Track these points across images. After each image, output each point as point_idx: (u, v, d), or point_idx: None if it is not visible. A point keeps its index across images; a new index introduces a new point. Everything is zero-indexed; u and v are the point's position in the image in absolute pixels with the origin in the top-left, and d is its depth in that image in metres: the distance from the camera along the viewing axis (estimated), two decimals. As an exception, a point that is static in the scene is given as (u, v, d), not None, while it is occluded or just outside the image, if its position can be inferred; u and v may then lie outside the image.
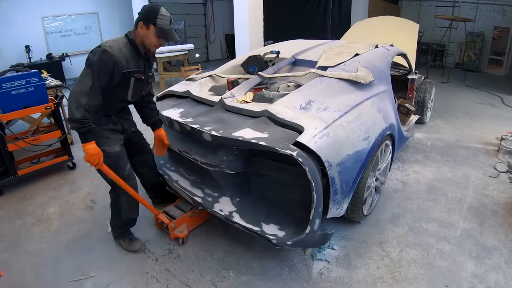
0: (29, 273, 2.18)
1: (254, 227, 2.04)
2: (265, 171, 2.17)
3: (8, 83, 2.96)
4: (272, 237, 1.96)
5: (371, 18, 6.42)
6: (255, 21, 5.46)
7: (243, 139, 1.92)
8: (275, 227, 2.06)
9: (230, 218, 2.13)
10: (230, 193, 2.33)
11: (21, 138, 3.17)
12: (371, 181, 2.46)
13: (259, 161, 2.16)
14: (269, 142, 1.85)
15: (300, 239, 1.90)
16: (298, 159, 1.76)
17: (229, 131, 2.03)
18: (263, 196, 2.28)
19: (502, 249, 2.28)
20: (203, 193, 2.41)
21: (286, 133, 1.96)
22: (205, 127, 2.14)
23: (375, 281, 2.04)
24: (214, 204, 2.27)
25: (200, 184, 2.51)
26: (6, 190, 3.16)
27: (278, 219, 2.12)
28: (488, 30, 8.62)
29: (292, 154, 1.76)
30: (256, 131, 1.99)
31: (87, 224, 2.68)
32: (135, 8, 8.05)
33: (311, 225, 1.87)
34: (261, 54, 3.14)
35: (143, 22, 1.89)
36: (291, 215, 2.13)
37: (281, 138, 1.91)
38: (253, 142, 1.87)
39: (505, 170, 3.33)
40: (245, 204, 2.26)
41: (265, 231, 2.02)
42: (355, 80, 2.50)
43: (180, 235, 2.36)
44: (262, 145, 1.84)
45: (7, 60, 6.68)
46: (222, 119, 2.28)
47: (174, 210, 2.52)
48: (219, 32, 11.55)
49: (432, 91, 4.67)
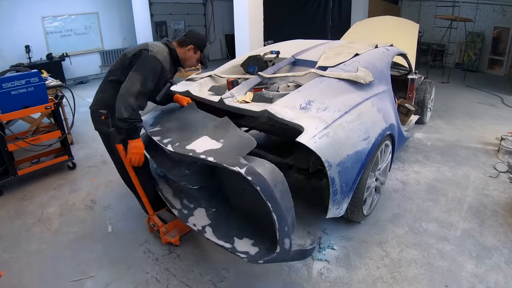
0: (29, 273, 2.18)
1: (225, 244, 1.90)
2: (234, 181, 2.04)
3: (8, 83, 2.96)
4: (243, 255, 1.82)
5: (371, 18, 6.43)
6: (255, 21, 5.46)
7: (194, 154, 1.79)
8: (249, 242, 1.91)
9: (203, 233, 2.02)
10: (206, 203, 2.22)
11: (21, 138, 3.17)
12: (371, 181, 2.46)
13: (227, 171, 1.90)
14: (218, 157, 1.70)
15: (272, 258, 1.72)
16: (246, 177, 1.54)
17: (184, 143, 1.90)
18: (240, 205, 2.19)
19: (502, 249, 2.28)
20: (180, 205, 2.27)
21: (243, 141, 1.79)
22: (164, 139, 2.01)
23: (375, 281, 2.04)
24: (189, 218, 2.15)
25: (180, 194, 2.36)
26: (6, 190, 3.16)
27: (252, 232, 1.97)
28: (488, 30, 8.62)
29: (240, 172, 1.55)
30: (212, 140, 1.88)
31: (87, 224, 2.68)
32: (135, 8, 8.07)
33: (280, 245, 1.67)
34: (261, 54, 3.14)
35: (194, 46, 2.20)
36: (266, 227, 1.89)
37: (233, 149, 1.76)
38: (201, 158, 1.73)
39: (505, 170, 3.33)
40: (221, 216, 2.14)
41: (236, 248, 1.87)
42: (355, 80, 2.50)
43: (171, 239, 2.31)
44: (210, 161, 1.70)
45: (7, 60, 6.68)
46: (187, 124, 2.16)
47: (166, 214, 2.45)
48: (219, 32, 11.55)
49: (432, 91, 4.67)
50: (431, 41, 9.67)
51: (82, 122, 4.90)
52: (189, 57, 2.23)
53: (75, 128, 4.37)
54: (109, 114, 2.12)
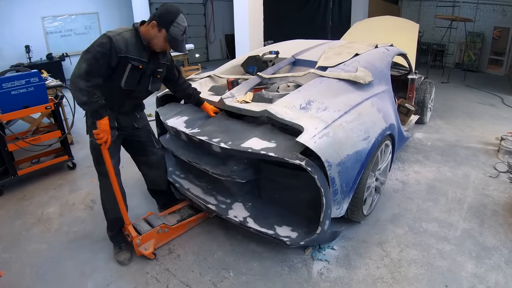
0: (29, 273, 2.18)
1: (269, 231, 2.13)
2: (274, 176, 2.23)
3: (8, 83, 2.96)
4: (286, 239, 2.06)
5: (371, 18, 6.43)
6: (255, 21, 5.47)
7: (253, 150, 1.97)
8: (288, 228, 2.15)
9: (245, 223, 2.20)
10: (242, 198, 2.37)
11: (21, 138, 3.17)
12: (371, 181, 2.46)
13: (268, 168, 2.22)
14: (278, 153, 1.91)
15: (312, 239, 2.02)
16: (307, 168, 1.83)
17: (237, 142, 2.07)
18: (273, 199, 2.34)
19: (502, 249, 2.28)
20: (216, 200, 2.43)
21: (293, 141, 1.98)
22: (213, 138, 2.16)
23: (375, 281, 2.04)
24: (228, 211, 2.31)
25: (212, 191, 2.52)
26: (6, 190, 3.16)
27: (289, 220, 2.20)
28: (488, 30, 8.62)
29: (301, 164, 1.83)
30: (263, 141, 2.05)
31: (87, 224, 2.68)
32: (135, 8, 8.06)
33: (322, 226, 1.96)
34: (260, 54, 3.15)
35: (156, 23, 1.86)
36: (301, 216, 2.23)
37: (288, 147, 1.96)
38: (262, 154, 1.94)
39: (505, 170, 3.33)
40: (257, 209, 2.32)
41: (279, 233, 2.11)
42: (354, 80, 2.50)
43: (144, 252, 2.19)
44: (271, 156, 1.90)
45: (7, 60, 6.68)
46: (227, 128, 2.29)
47: (142, 224, 2.35)
48: (219, 32, 11.55)
49: (432, 91, 4.67)
50: (431, 41, 9.67)
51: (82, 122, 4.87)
52: (153, 36, 1.89)
53: (75, 128, 4.37)
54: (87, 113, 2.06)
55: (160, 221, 2.36)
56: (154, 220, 2.39)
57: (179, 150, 2.53)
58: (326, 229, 1.99)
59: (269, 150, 1.94)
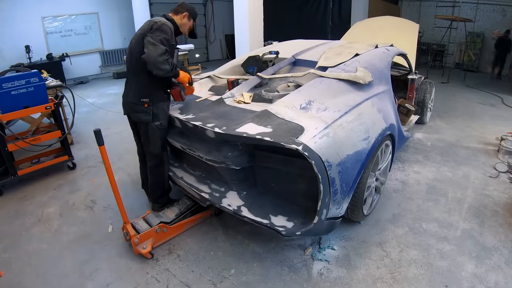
0: (29, 273, 2.18)
1: (263, 220, 2.07)
2: (269, 164, 2.18)
3: (8, 83, 2.96)
4: (281, 229, 1.99)
5: (371, 18, 6.43)
6: (255, 21, 5.47)
7: (248, 135, 1.93)
8: (283, 218, 2.08)
9: (239, 212, 2.15)
10: (236, 187, 2.33)
11: (21, 138, 3.17)
12: (371, 181, 2.45)
13: (263, 155, 2.18)
14: (274, 137, 1.85)
15: (308, 229, 1.95)
16: (304, 153, 1.77)
17: (232, 127, 2.04)
18: (269, 188, 2.30)
19: (502, 249, 2.28)
20: (209, 189, 2.40)
21: (289, 126, 1.96)
22: (208, 123, 2.14)
23: (375, 281, 2.04)
24: (222, 199, 2.27)
25: (206, 180, 2.50)
26: (6, 190, 3.16)
27: (285, 210, 2.15)
28: (488, 30, 8.62)
29: (298, 149, 1.77)
30: (259, 126, 2.00)
31: (87, 224, 2.68)
32: (135, 8, 8.07)
33: (319, 215, 1.90)
34: (260, 54, 3.15)
35: (188, 14, 2.47)
36: (298, 206, 2.17)
37: (285, 132, 1.91)
38: (257, 138, 1.88)
39: (505, 170, 3.33)
40: (252, 197, 2.27)
41: (274, 223, 2.04)
42: (354, 80, 2.50)
43: (142, 251, 2.20)
44: (267, 140, 1.85)
45: (7, 60, 6.69)
46: (223, 114, 2.28)
47: (141, 223, 2.37)
48: (219, 32, 11.56)
49: (432, 91, 4.67)
50: (431, 41, 9.68)
51: (82, 122, 4.91)
52: (184, 24, 2.48)
53: (75, 128, 4.37)
54: (151, 102, 2.31)
55: (158, 220, 2.38)
56: (152, 219, 2.40)
57: (173, 137, 2.52)
58: (323, 219, 1.93)
59: (265, 135, 1.88)
